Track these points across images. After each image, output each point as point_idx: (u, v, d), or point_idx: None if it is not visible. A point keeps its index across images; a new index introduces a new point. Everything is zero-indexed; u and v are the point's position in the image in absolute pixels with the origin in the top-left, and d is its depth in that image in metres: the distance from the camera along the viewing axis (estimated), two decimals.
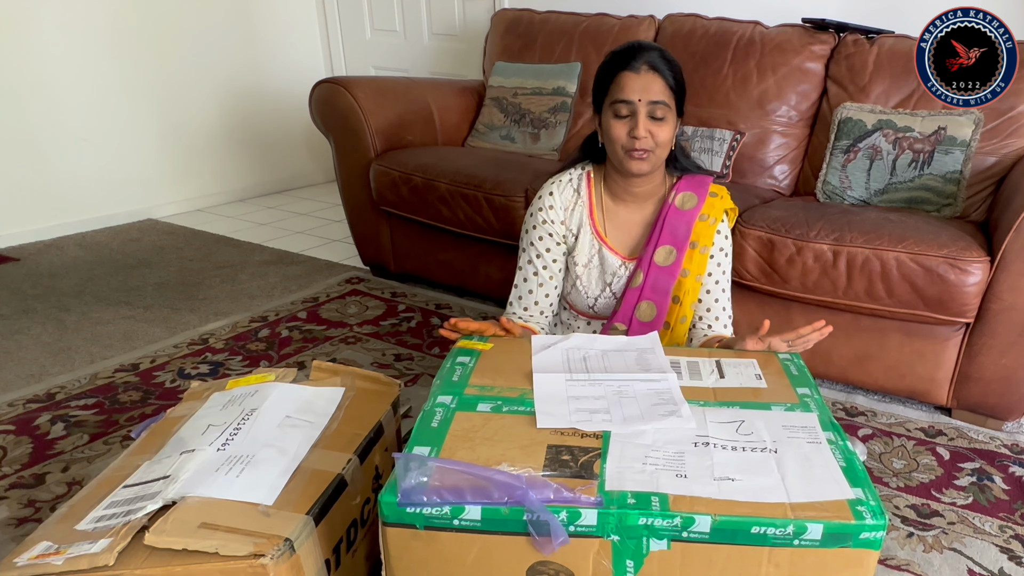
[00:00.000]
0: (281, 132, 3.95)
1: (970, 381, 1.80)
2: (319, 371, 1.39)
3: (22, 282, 2.68)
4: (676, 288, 1.43)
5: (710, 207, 1.43)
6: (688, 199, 1.44)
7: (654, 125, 1.33)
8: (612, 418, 1.02)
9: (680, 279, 1.42)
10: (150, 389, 1.96)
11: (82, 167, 3.24)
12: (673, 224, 1.42)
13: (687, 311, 1.45)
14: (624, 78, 1.33)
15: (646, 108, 1.32)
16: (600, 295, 1.49)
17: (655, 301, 1.43)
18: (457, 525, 0.88)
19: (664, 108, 1.33)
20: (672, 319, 1.45)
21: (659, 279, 1.42)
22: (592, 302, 1.50)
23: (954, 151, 2.04)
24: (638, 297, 1.43)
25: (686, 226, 1.42)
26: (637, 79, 1.32)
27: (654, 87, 1.32)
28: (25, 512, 1.47)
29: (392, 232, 2.64)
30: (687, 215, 1.42)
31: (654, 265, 1.42)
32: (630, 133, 1.33)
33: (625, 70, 1.33)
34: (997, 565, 1.38)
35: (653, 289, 1.42)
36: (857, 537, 0.83)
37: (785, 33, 2.41)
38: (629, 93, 1.32)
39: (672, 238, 1.42)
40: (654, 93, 1.32)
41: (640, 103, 1.32)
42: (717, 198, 1.45)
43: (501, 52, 2.89)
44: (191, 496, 0.97)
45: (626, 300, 1.45)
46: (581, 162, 1.51)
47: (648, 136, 1.33)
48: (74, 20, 3.09)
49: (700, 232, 1.42)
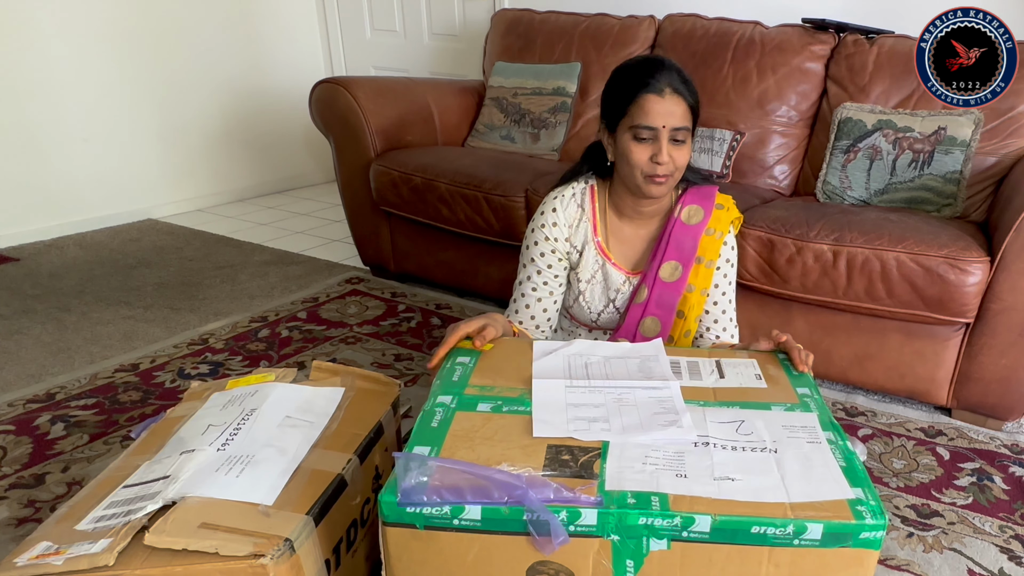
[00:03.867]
0: (281, 132, 3.95)
1: (970, 381, 1.80)
2: (319, 371, 1.39)
3: (22, 282, 2.68)
4: (681, 303, 1.40)
5: (716, 220, 1.40)
6: (694, 213, 1.40)
7: (675, 149, 1.29)
8: (611, 427, 1.01)
9: (685, 294, 1.40)
10: (150, 389, 1.96)
11: (82, 167, 3.24)
12: (679, 239, 1.39)
13: (691, 325, 1.42)
14: (648, 101, 1.27)
15: (669, 133, 1.28)
16: (603, 310, 1.47)
17: (660, 317, 1.40)
18: (457, 525, 0.88)
19: (685, 132, 1.29)
20: (676, 334, 1.43)
21: (664, 295, 1.39)
22: (595, 317, 1.48)
23: (954, 151, 2.04)
24: (642, 313, 1.41)
25: (692, 241, 1.39)
26: (661, 103, 1.27)
27: (678, 111, 1.28)
28: (25, 512, 1.47)
29: (392, 232, 2.64)
30: (693, 230, 1.39)
31: (659, 281, 1.39)
32: (653, 159, 1.28)
33: (648, 92, 1.27)
34: (997, 565, 1.38)
35: (658, 305, 1.40)
36: (857, 537, 0.83)
37: (785, 33, 2.41)
38: (654, 119, 1.27)
39: (678, 254, 1.39)
40: (678, 119, 1.28)
41: (664, 129, 1.27)
42: (724, 210, 1.41)
43: (501, 52, 2.89)
44: (191, 496, 0.97)
45: (630, 316, 1.42)
46: (583, 174, 1.47)
47: (670, 160, 1.29)
48: (74, 21, 3.09)
49: (707, 247, 1.39)
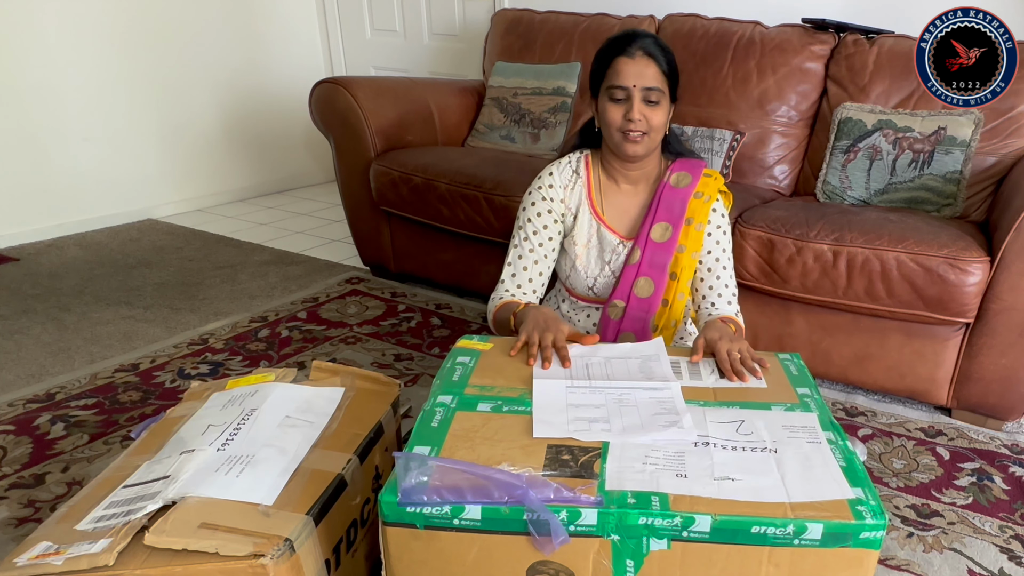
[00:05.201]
0: (281, 132, 3.95)
1: (970, 381, 1.80)
2: (319, 371, 1.39)
3: (22, 282, 2.68)
4: (673, 264, 1.46)
5: (704, 185, 1.47)
6: (683, 178, 1.48)
7: (648, 109, 1.37)
8: (611, 427, 1.01)
9: (676, 255, 1.45)
10: (150, 389, 1.96)
11: (82, 167, 3.24)
12: (668, 201, 1.46)
13: (684, 288, 1.48)
14: (620, 63, 1.37)
15: (641, 93, 1.36)
16: (599, 275, 1.52)
17: (652, 277, 1.46)
18: (457, 524, 0.88)
19: (658, 93, 1.37)
20: (670, 296, 1.47)
21: (656, 255, 1.45)
22: (592, 282, 1.53)
23: (954, 151, 2.04)
24: (636, 273, 1.47)
25: (681, 203, 1.46)
26: (632, 64, 1.36)
27: (648, 72, 1.36)
28: (25, 512, 1.47)
29: (392, 232, 2.64)
30: (682, 192, 1.46)
31: (651, 242, 1.46)
32: (625, 116, 1.37)
33: (620, 56, 1.37)
34: (997, 565, 1.38)
35: (650, 265, 1.45)
36: (857, 537, 0.83)
37: (785, 33, 2.41)
38: (624, 79, 1.36)
39: (668, 215, 1.46)
40: (648, 79, 1.36)
41: (635, 88, 1.35)
42: (711, 178, 1.49)
43: (501, 52, 2.89)
44: (191, 496, 0.97)
45: (624, 277, 1.48)
46: (579, 148, 1.55)
47: (643, 119, 1.36)
48: (74, 21, 3.09)
49: (695, 209, 1.46)
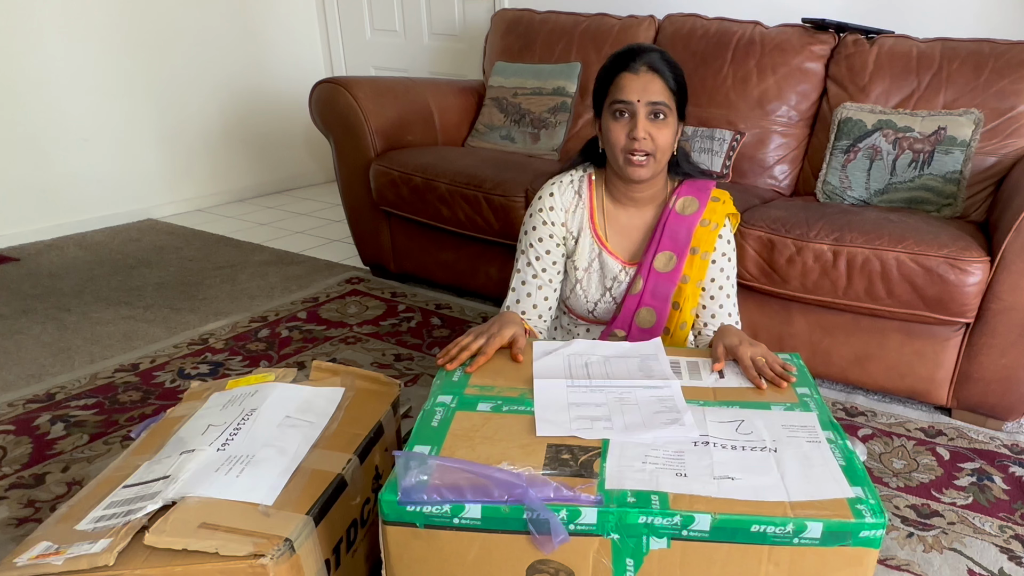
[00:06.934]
0: (281, 132, 3.95)
1: (970, 381, 1.80)
2: (319, 371, 1.39)
3: (22, 282, 2.68)
4: (676, 294, 1.41)
5: (711, 212, 1.41)
6: (689, 204, 1.42)
7: (654, 127, 1.30)
8: (613, 426, 1.01)
9: (680, 285, 1.41)
10: (150, 389, 1.96)
11: (82, 167, 3.24)
12: (673, 229, 1.40)
13: (687, 317, 1.43)
14: (623, 79, 1.30)
15: (645, 109, 1.29)
16: (600, 300, 1.48)
17: (655, 307, 1.41)
18: (457, 523, 0.88)
19: (664, 109, 1.30)
20: (672, 325, 1.44)
21: (659, 285, 1.40)
22: (592, 307, 1.49)
23: (954, 151, 2.04)
24: (637, 304, 1.42)
25: (687, 231, 1.40)
26: (636, 79, 1.29)
27: (653, 87, 1.29)
28: (25, 512, 1.47)
29: (392, 232, 2.64)
30: (688, 220, 1.40)
31: (654, 271, 1.40)
32: (629, 134, 1.30)
33: (624, 71, 1.31)
34: (997, 565, 1.38)
35: (653, 296, 1.41)
36: (857, 536, 0.83)
37: (785, 33, 2.41)
38: (628, 93, 1.29)
39: (672, 244, 1.40)
40: (653, 93, 1.29)
41: (639, 104, 1.29)
42: (719, 203, 1.43)
43: (501, 52, 2.89)
44: (191, 496, 0.97)
45: (625, 306, 1.43)
46: (582, 164, 1.49)
47: (648, 138, 1.30)
48: (74, 21, 3.09)
49: (701, 237, 1.40)
